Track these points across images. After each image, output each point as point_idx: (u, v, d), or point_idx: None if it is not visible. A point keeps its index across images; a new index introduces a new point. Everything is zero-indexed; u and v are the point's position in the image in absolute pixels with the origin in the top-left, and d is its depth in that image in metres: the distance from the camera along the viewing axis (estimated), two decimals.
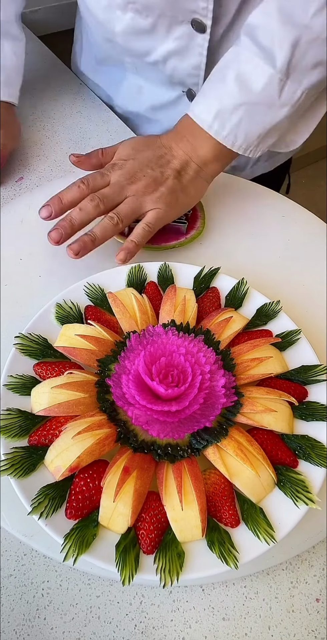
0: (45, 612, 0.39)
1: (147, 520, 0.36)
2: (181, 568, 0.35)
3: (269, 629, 0.39)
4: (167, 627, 0.39)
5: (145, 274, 0.52)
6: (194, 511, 0.36)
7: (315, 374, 0.45)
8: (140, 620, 0.39)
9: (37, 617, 0.39)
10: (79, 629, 0.38)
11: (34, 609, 0.39)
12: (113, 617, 0.39)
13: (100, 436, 0.38)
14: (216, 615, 0.39)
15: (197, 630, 0.39)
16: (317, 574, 0.42)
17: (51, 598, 0.39)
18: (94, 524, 0.36)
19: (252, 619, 0.39)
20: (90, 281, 0.51)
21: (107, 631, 0.38)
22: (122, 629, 0.38)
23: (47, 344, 0.46)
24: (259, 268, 0.59)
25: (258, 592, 0.41)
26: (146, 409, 0.39)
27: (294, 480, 0.39)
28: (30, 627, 0.38)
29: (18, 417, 0.41)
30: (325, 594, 0.41)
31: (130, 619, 0.39)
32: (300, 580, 0.41)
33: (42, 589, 0.40)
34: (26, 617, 0.39)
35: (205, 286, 0.52)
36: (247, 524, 0.37)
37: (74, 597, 0.40)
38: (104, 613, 0.39)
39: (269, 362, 0.45)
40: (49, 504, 0.37)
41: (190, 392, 0.40)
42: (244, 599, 0.40)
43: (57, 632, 0.38)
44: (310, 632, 0.39)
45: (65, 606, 0.39)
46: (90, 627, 0.38)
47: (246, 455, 0.39)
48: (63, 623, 0.38)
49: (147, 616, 0.39)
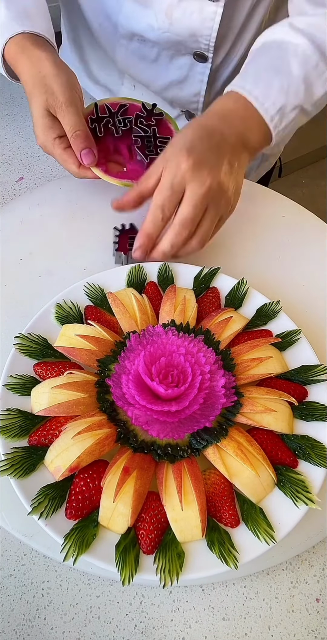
0: (45, 612, 0.39)
1: (147, 520, 0.36)
2: (180, 568, 0.35)
3: (269, 629, 0.39)
4: (167, 627, 0.39)
5: (145, 273, 0.52)
6: (194, 511, 0.36)
7: (315, 374, 0.45)
8: (141, 620, 0.39)
9: (37, 617, 0.39)
10: (79, 628, 0.38)
11: (34, 609, 0.39)
12: (113, 617, 0.39)
13: (100, 436, 0.38)
14: (216, 615, 0.39)
15: (197, 630, 0.39)
16: (317, 574, 0.42)
17: (51, 598, 0.39)
18: (94, 524, 0.36)
19: (252, 619, 0.39)
20: (90, 281, 0.51)
21: (107, 631, 0.38)
22: (122, 629, 0.39)
23: (47, 344, 0.46)
24: (259, 268, 0.59)
25: (258, 592, 0.41)
26: (146, 409, 0.39)
27: (294, 480, 0.39)
28: (30, 627, 0.38)
29: (18, 417, 0.41)
30: (325, 594, 0.41)
31: (130, 619, 0.39)
32: (300, 580, 0.41)
33: (42, 589, 0.40)
34: (26, 617, 0.39)
35: (205, 286, 0.52)
36: (247, 524, 0.37)
37: (74, 597, 0.40)
38: (104, 613, 0.39)
39: (269, 362, 0.45)
40: (49, 504, 0.37)
41: (190, 392, 0.40)
42: (244, 599, 0.40)
43: (57, 632, 0.38)
44: (310, 632, 0.39)
45: (65, 606, 0.39)
46: (90, 627, 0.38)
47: (246, 456, 0.39)
48: (63, 623, 0.38)
49: (147, 616, 0.39)
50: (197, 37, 0.64)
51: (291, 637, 0.39)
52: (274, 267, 0.60)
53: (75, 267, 0.56)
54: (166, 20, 0.62)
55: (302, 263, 0.60)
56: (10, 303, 0.53)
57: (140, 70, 0.72)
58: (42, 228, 0.60)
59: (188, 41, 0.64)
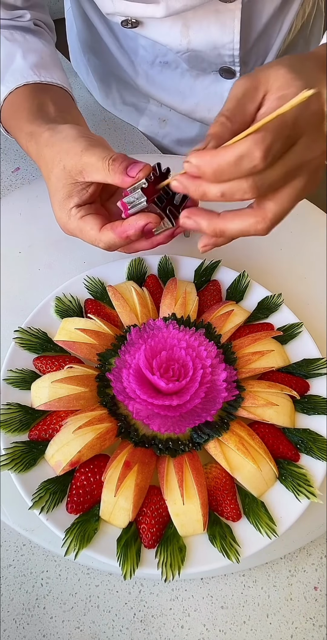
0: (44, 602, 0.39)
1: (149, 514, 0.36)
2: (182, 562, 0.35)
3: (267, 617, 0.39)
4: (166, 616, 0.39)
5: (145, 266, 0.52)
6: (195, 505, 0.36)
7: (317, 367, 0.45)
8: (140, 609, 0.39)
9: (36, 607, 0.39)
10: (78, 617, 0.39)
11: (34, 599, 0.39)
12: (112, 606, 0.39)
13: (101, 431, 0.38)
14: (214, 604, 0.40)
15: (196, 619, 0.39)
16: (316, 562, 0.42)
17: (50, 587, 0.40)
18: (95, 519, 0.36)
19: (250, 607, 0.40)
20: (90, 274, 0.50)
21: (107, 620, 0.39)
22: (122, 617, 0.39)
23: (47, 337, 0.45)
24: (260, 259, 0.58)
25: (256, 580, 0.41)
26: (147, 403, 0.39)
27: (296, 474, 0.39)
28: (29, 617, 0.39)
29: (18, 411, 0.40)
30: (324, 582, 0.41)
31: (130, 607, 0.39)
32: (298, 569, 0.42)
33: (41, 579, 0.40)
34: (26, 607, 0.39)
35: (206, 279, 0.52)
36: (249, 518, 0.37)
37: (73, 586, 0.40)
38: (103, 602, 0.39)
39: (270, 356, 0.44)
40: (50, 498, 0.36)
41: (191, 386, 0.39)
42: (243, 588, 0.40)
43: (57, 621, 0.38)
44: (308, 619, 0.39)
45: (64, 595, 0.39)
46: (90, 616, 0.39)
47: (248, 449, 0.38)
48: (62, 612, 0.39)
49: (146, 605, 0.39)
50: (219, 50, 0.59)
51: (289, 624, 0.39)
52: (275, 258, 0.59)
53: (74, 260, 0.56)
54: (184, 40, 0.58)
55: (304, 254, 0.60)
56: (9, 296, 0.53)
57: (165, 94, 0.68)
58: (41, 221, 0.59)
59: (211, 56, 0.60)
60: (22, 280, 0.54)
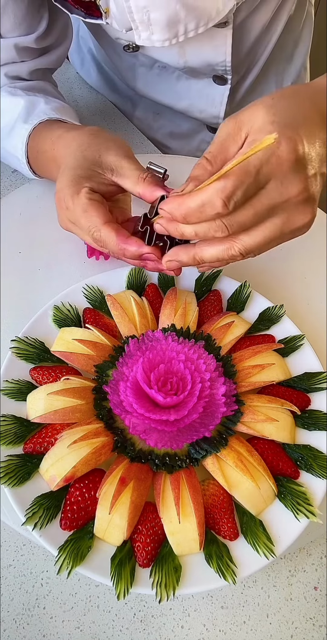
0: (44, 602, 0.39)
1: (144, 532, 0.36)
2: (177, 582, 0.34)
3: (267, 617, 0.39)
4: (166, 616, 0.39)
5: (145, 275, 0.51)
6: (191, 524, 0.35)
7: (318, 382, 0.44)
8: (140, 609, 0.39)
9: (36, 607, 0.39)
10: (78, 617, 0.38)
11: (34, 599, 0.39)
12: (112, 606, 0.39)
13: (97, 445, 0.37)
14: (214, 604, 0.39)
15: (195, 619, 0.39)
16: (316, 562, 0.42)
17: (50, 587, 0.39)
18: (89, 536, 0.36)
19: (250, 607, 0.39)
20: (89, 283, 0.49)
21: (107, 620, 0.38)
22: (122, 617, 0.38)
23: (44, 347, 0.45)
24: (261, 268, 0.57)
25: (256, 580, 0.40)
26: (144, 418, 0.38)
27: (295, 492, 0.38)
28: (29, 617, 0.38)
29: (13, 423, 0.40)
30: (324, 582, 0.41)
31: (130, 607, 0.39)
32: (298, 569, 0.41)
33: (41, 579, 0.40)
34: (26, 607, 0.39)
35: (207, 288, 0.51)
36: (247, 537, 0.37)
37: (73, 586, 0.39)
38: (103, 602, 0.39)
39: (271, 369, 0.43)
40: (44, 514, 0.36)
41: (189, 401, 0.39)
42: (243, 588, 0.40)
43: (57, 621, 0.38)
44: (308, 619, 0.39)
45: (64, 595, 0.39)
46: (90, 616, 0.38)
47: (246, 466, 0.38)
48: (62, 612, 0.39)
49: (146, 605, 0.39)
50: (213, 66, 0.64)
51: (289, 624, 0.39)
52: (276, 266, 0.58)
53: (74, 261, 0.55)
54: (181, 60, 0.63)
55: (305, 261, 0.59)
56: (8, 296, 0.53)
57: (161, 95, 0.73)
58: (41, 221, 0.59)
59: (206, 69, 0.65)
60: (22, 280, 0.54)
